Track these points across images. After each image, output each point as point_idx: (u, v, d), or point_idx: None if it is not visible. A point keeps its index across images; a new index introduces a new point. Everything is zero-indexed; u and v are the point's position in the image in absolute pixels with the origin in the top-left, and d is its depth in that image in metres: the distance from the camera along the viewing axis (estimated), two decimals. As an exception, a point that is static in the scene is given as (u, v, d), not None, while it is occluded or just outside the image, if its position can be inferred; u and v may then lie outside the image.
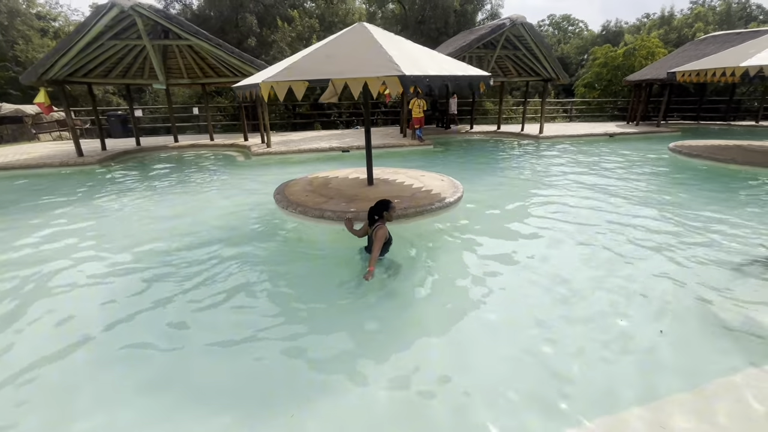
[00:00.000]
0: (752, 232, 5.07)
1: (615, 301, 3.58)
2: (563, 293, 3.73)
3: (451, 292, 3.85)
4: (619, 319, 3.31)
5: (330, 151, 11.48)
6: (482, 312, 3.50)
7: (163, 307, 3.61)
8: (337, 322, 3.35)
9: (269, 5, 16.20)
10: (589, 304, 3.56)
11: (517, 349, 2.97)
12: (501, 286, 3.92)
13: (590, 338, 3.08)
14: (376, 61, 4.50)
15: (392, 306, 3.60)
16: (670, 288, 3.76)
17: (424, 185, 6.68)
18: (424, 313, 3.49)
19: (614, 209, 6.17)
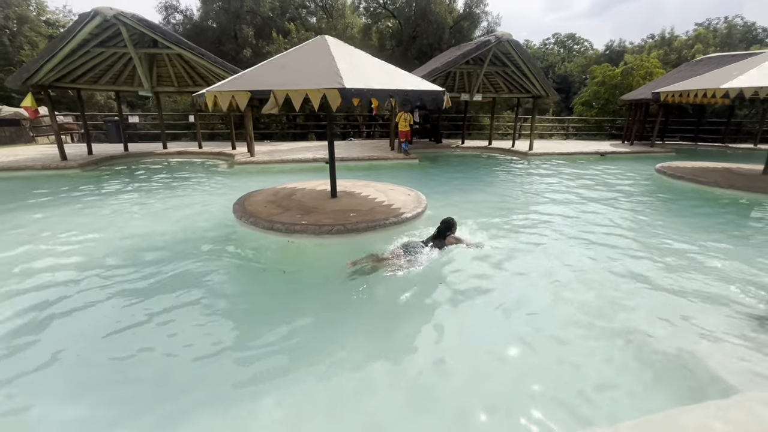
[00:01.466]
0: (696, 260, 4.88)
1: (574, 320, 3.41)
2: (502, 316, 3.57)
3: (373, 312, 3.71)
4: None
5: (313, 162, 11.46)
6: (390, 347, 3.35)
7: (93, 321, 3.52)
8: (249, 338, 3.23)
9: (267, 18, 16.50)
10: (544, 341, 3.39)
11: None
12: (422, 308, 3.76)
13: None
14: (321, 73, 4.46)
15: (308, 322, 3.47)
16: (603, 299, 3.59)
17: (388, 199, 6.58)
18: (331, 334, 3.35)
19: (585, 229, 6.01)
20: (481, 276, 4.35)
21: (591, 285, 4.19)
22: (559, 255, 4.99)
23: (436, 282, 4.18)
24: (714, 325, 3.42)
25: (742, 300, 3.87)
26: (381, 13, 17.40)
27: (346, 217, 5.46)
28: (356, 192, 7.08)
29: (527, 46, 48.16)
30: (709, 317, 3.56)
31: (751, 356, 2.97)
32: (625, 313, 3.64)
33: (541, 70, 12.48)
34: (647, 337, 3.26)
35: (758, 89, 7.40)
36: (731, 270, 4.57)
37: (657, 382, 2.78)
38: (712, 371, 2.74)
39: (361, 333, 3.39)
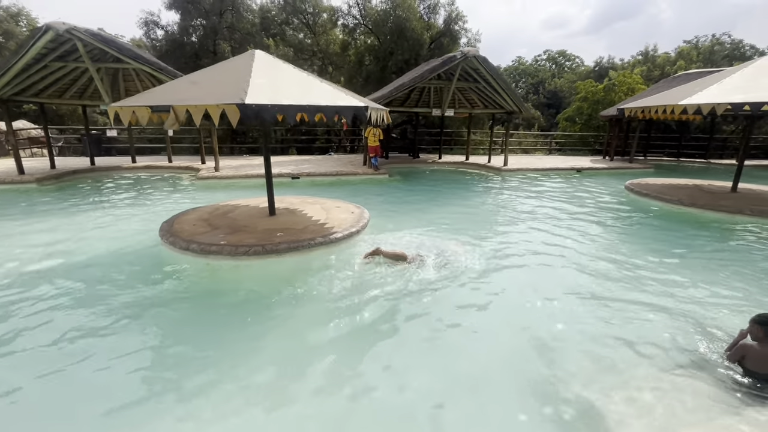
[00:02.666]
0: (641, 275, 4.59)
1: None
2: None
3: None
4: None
5: (278, 177, 11.26)
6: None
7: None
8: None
9: (247, 34, 16.62)
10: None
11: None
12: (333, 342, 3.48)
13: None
14: (227, 88, 4.28)
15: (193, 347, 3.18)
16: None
17: (327, 218, 6.34)
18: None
19: (531, 248, 5.76)
20: (405, 297, 4.07)
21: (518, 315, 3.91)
22: (499, 272, 4.73)
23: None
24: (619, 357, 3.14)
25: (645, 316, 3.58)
26: (360, 30, 17.51)
27: (270, 237, 5.21)
28: (299, 209, 6.85)
29: (519, 62, 48.62)
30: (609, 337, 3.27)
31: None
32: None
33: (512, 86, 12.41)
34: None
35: (716, 106, 7.21)
36: (650, 290, 4.31)
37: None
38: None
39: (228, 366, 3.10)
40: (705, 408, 2.60)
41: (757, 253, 5.79)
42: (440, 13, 17.25)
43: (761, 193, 9.02)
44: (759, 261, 5.46)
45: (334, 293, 4.30)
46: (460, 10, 17.07)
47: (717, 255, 5.73)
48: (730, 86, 7.70)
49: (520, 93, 42.86)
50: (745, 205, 7.57)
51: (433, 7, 17.05)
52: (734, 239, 6.50)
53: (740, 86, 7.54)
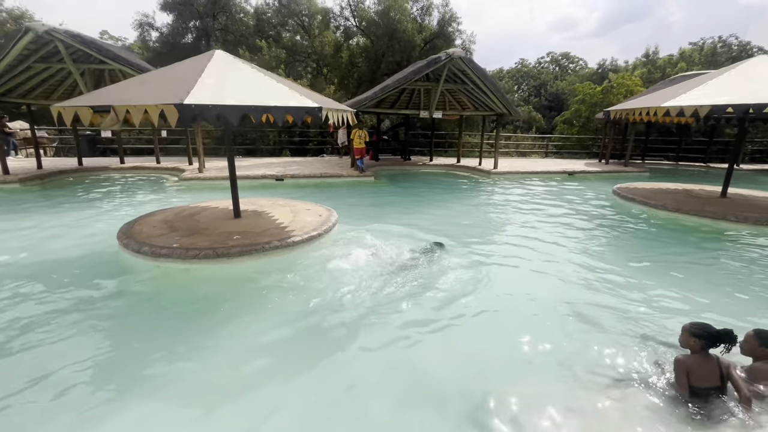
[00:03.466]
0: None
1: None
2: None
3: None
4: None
5: (262, 179, 11.21)
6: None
7: None
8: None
9: (240, 36, 16.65)
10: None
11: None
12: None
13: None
14: (171, 88, 4.20)
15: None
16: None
17: (293, 220, 6.24)
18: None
19: (506, 249, 5.62)
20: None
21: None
22: (467, 272, 4.58)
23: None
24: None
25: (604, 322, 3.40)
26: (352, 32, 17.46)
27: (225, 240, 5.11)
28: (266, 212, 6.76)
29: (522, 64, 48.27)
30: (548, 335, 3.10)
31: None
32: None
33: (501, 88, 12.23)
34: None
35: (698, 108, 6.99)
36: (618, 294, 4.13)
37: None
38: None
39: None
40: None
41: (730, 260, 5.57)
42: (434, 14, 17.18)
43: (750, 198, 8.74)
44: (731, 269, 5.24)
45: (279, 298, 4.20)
46: (454, 12, 16.97)
47: (689, 261, 5.53)
48: (715, 88, 7.47)
49: (522, 95, 42.51)
50: (729, 211, 7.32)
51: (427, 8, 16.95)
52: (711, 246, 6.28)
53: (725, 88, 7.31)
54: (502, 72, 46.86)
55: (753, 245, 6.22)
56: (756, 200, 8.57)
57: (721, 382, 2.51)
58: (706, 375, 2.50)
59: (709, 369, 2.51)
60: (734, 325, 3.46)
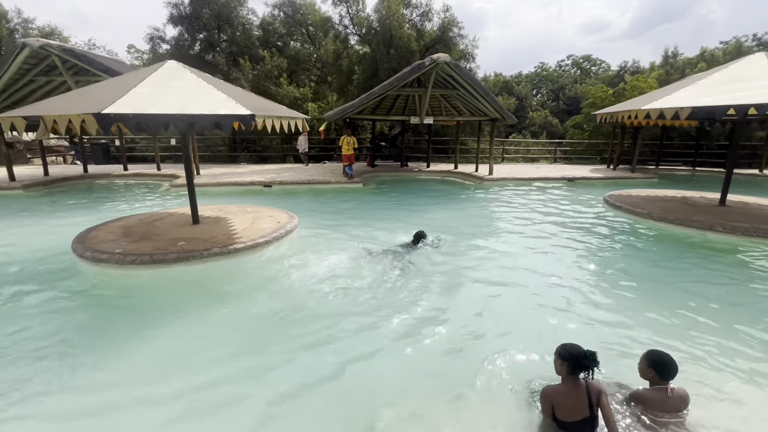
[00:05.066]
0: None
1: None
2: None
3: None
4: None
5: (250, 185, 11.40)
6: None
7: None
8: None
9: (244, 46, 17.15)
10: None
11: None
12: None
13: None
14: (99, 99, 4.32)
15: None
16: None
17: (249, 227, 6.27)
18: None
19: (469, 261, 5.44)
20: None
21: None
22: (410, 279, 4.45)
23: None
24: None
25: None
26: (352, 40, 17.62)
27: (167, 247, 5.19)
28: (227, 218, 6.83)
29: (542, 68, 47.22)
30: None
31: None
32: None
33: (491, 93, 11.94)
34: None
35: (679, 110, 6.55)
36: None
37: None
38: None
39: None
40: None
41: (701, 276, 5.12)
42: (434, 20, 17.07)
43: (751, 207, 8.09)
44: (697, 284, 4.82)
45: (206, 305, 4.20)
46: (454, 17, 16.78)
47: (654, 274, 5.15)
48: (700, 89, 6.99)
49: (540, 100, 41.53)
50: (718, 220, 6.78)
51: (426, 14, 16.88)
52: (686, 258, 5.82)
53: (713, 89, 6.82)
54: (520, 76, 46.00)
55: (730, 259, 5.72)
56: (756, 209, 7.91)
57: (591, 411, 2.27)
58: (573, 406, 2.26)
59: (576, 399, 2.27)
60: (664, 344, 3.19)
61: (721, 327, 3.77)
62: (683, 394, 2.51)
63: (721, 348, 3.42)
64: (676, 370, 2.49)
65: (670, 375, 2.49)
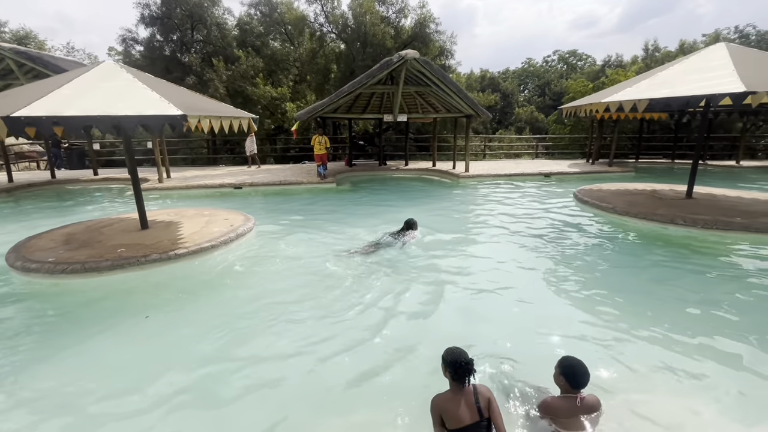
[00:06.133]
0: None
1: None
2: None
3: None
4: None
5: (220, 188, 11.18)
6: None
7: None
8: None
9: (219, 47, 16.87)
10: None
11: None
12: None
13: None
14: (15, 101, 4.11)
15: None
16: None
17: (198, 231, 6.08)
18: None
19: (423, 260, 5.29)
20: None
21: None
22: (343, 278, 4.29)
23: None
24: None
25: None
26: (328, 38, 17.39)
27: (105, 254, 4.99)
28: (179, 223, 6.63)
29: (529, 64, 47.20)
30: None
31: None
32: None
33: (463, 90, 11.80)
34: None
35: (637, 102, 6.45)
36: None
37: None
38: None
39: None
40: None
41: (652, 269, 5.02)
42: (410, 17, 16.88)
43: (718, 199, 8.02)
44: (644, 281, 4.72)
45: (134, 314, 4.02)
46: (431, 14, 16.61)
47: (606, 270, 5.05)
48: (660, 81, 6.90)
49: (527, 96, 41.50)
50: (679, 213, 6.69)
51: (402, 10, 16.69)
52: (640, 252, 5.74)
53: (671, 81, 6.74)
54: (507, 72, 45.95)
55: (684, 253, 5.63)
56: (722, 201, 7.85)
57: (481, 415, 2.14)
58: (460, 412, 2.13)
59: (463, 404, 2.14)
60: (601, 339, 3.08)
61: (658, 318, 3.66)
62: (593, 402, 2.38)
63: (651, 342, 3.32)
64: (586, 378, 2.36)
65: (580, 383, 2.36)
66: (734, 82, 5.70)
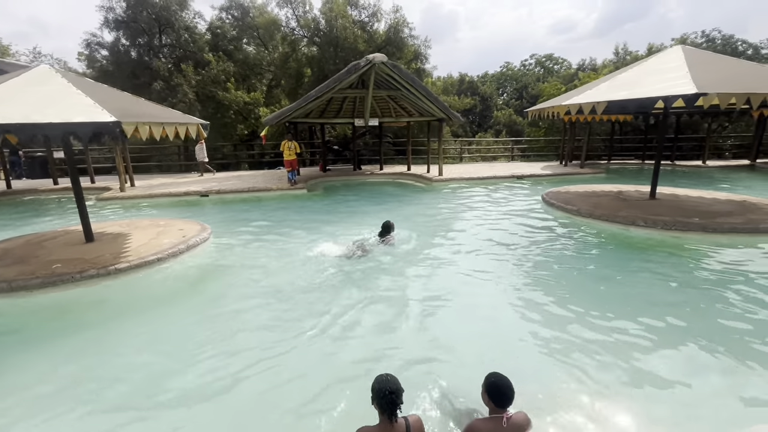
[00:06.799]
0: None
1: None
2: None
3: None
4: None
5: (186, 196, 10.82)
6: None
7: None
8: None
9: (189, 51, 16.46)
10: None
11: None
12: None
13: None
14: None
15: None
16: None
17: (146, 243, 5.77)
18: None
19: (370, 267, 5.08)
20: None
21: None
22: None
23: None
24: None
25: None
26: (301, 42, 17.18)
27: (35, 271, 4.67)
28: (128, 234, 6.31)
29: (507, 68, 47.91)
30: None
31: None
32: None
33: (433, 93, 11.77)
34: None
35: (596, 104, 6.47)
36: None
37: None
38: None
39: None
40: None
41: (606, 270, 4.98)
42: (382, 21, 16.85)
43: (681, 199, 8.12)
44: (599, 278, 4.67)
45: (62, 336, 3.73)
46: (405, 18, 16.61)
47: (564, 270, 4.99)
48: (618, 84, 6.96)
49: (505, 99, 42.07)
50: (641, 215, 6.72)
51: (375, 14, 16.63)
52: (596, 254, 5.72)
53: (627, 83, 6.79)
54: (486, 76, 46.56)
55: (642, 256, 5.63)
56: (684, 201, 7.95)
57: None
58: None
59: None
60: (549, 344, 2.96)
61: (603, 318, 3.58)
62: (521, 421, 2.24)
63: (595, 345, 3.23)
64: (510, 396, 2.22)
65: (504, 402, 2.22)
66: (687, 84, 5.75)
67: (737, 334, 3.48)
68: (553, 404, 2.65)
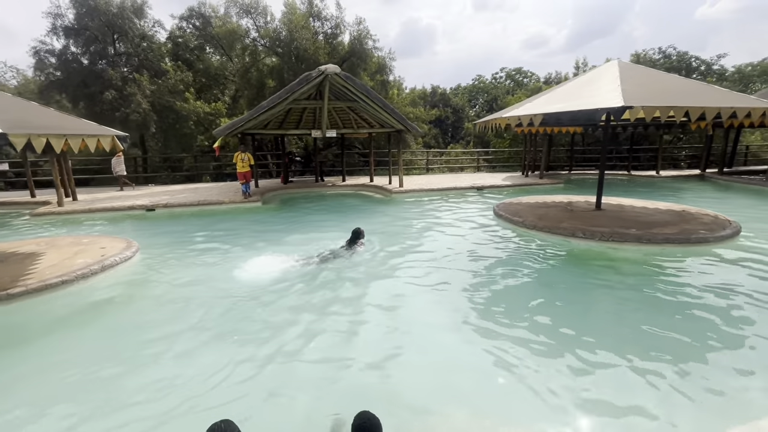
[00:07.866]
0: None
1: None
2: None
3: None
4: None
5: (130, 210, 10.28)
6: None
7: None
8: None
9: (145, 60, 15.94)
10: None
11: None
12: None
13: None
14: None
15: None
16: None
17: (54, 264, 5.33)
18: None
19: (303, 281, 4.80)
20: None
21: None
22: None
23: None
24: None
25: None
26: (260, 52, 16.97)
27: None
28: (43, 253, 5.85)
29: (479, 80, 49.02)
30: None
31: None
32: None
33: (390, 105, 11.74)
34: None
35: (533, 117, 6.49)
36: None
37: None
38: None
39: None
40: None
41: (538, 285, 4.89)
42: (346, 33, 16.87)
43: (623, 210, 8.25)
44: (528, 295, 4.56)
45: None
46: (368, 30, 16.67)
47: (496, 285, 4.86)
48: (555, 97, 7.03)
49: (477, 111, 42.90)
50: (581, 226, 6.74)
51: (338, 26, 16.64)
52: (533, 267, 5.64)
53: (563, 97, 6.87)
54: (459, 88, 47.47)
55: (576, 269, 5.61)
56: (628, 212, 8.09)
57: None
58: None
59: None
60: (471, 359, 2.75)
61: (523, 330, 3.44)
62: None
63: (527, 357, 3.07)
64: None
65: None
66: (616, 97, 5.84)
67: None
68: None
